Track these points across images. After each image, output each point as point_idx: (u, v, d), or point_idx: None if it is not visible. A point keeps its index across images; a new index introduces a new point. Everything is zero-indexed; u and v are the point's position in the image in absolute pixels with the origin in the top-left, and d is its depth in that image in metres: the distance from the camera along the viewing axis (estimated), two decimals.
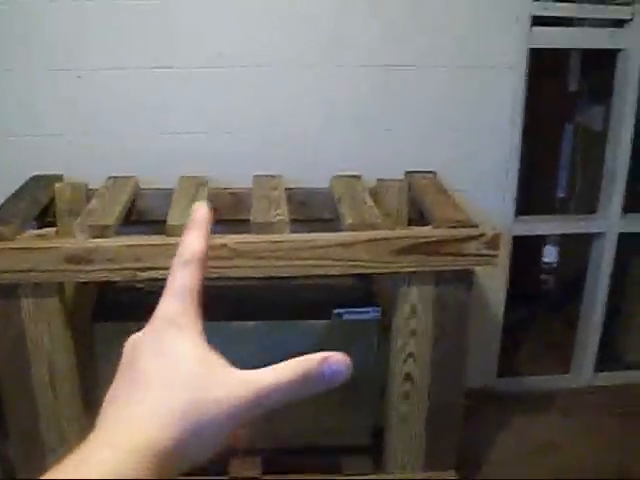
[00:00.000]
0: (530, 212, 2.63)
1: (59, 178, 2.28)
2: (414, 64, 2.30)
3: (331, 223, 2.23)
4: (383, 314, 2.05)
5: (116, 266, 1.84)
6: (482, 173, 2.40)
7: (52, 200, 2.21)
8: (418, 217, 2.25)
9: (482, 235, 1.88)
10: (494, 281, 2.52)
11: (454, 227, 1.91)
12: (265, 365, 1.97)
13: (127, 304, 2.09)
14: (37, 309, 1.89)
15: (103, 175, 2.26)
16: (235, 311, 2.07)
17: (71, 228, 2.15)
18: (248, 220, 2.20)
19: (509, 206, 2.46)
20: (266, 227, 1.89)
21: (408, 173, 2.32)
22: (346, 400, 2.16)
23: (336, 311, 2.04)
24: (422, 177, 2.29)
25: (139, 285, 2.05)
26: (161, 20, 2.21)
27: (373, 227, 1.89)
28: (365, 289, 2.14)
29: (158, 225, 2.19)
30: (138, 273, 1.85)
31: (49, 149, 2.30)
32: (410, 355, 2.00)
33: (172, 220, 1.90)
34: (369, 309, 2.05)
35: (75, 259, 1.83)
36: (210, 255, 1.83)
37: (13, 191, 2.16)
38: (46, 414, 1.99)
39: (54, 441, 2.03)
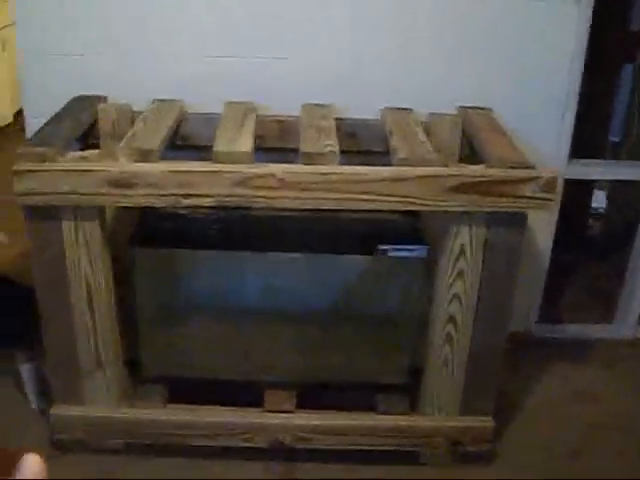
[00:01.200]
0: (580, 155, 2.52)
1: (103, 99, 2.22)
2: None
3: (379, 156, 2.16)
4: (429, 253, 1.99)
5: (159, 192, 1.79)
6: (538, 112, 2.30)
7: (96, 122, 2.15)
8: (469, 154, 2.17)
9: (539, 177, 1.80)
10: (542, 224, 2.44)
11: (510, 167, 1.83)
12: (307, 298, 1.87)
13: (168, 230, 2.05)
14: (77, 232, 1.87)
15: (148, 97, 2.20)
16: (277, 242, 2.03)
17: (114, 151, 2.11)
18: (294, 149, 2.14)
19: (564, 148, 2.36)
20: (315, 158, 1.82)
21: (462, 108, 2.22)
22: (384, 338, 2.12)
23: (381, 247, 1.98)
24: (476, 113, 2.19)
25: (181, 212, 2.01)
26: None
27: (426, 163, 1.82)
28: (412, 226, 2.08)
29: (204, 150, 2.14)
30: (181, 200, 1.80)
31: (92, 69, 2.23)
32: (455, 296, 1.94)
33: (218, 146, 1.84)
34: (415, 247, 1.98)
35: (117, 183, 1.78)
36: (257, 184, 1.77)
37: (56, 111, 2.11)
38: (83, 336, 1.99)
39: (90, 364, 2.02)
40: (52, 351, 2.02)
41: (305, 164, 1.81)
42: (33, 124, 2.28)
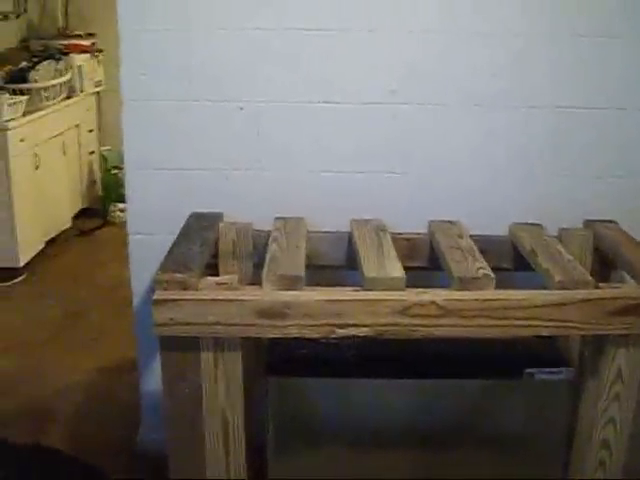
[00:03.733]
0: None
1: (219, 217, 2.15)
2: (585, 105, 2.15)
3: (507, 273, 2.11)
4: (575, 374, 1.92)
5: (313, 322, 1.71)
6: None
7: (215, 241, 2.08)
8: (598, 269, 2.13)
9: None
10: None
11: None
12: (447, 424, 1.72)
13: (302, 357, 1.96)
14: (216, 363, 1.78)
15: (262, 214, 2.13)
16: (417, 367, 1.94)
17: (234, 269, 2.05)
18: (423, 268, 2.09)
19: None
20: (470, 282, 1.76)
21: (588, 222, 2.18)
22: (526, 463, 2.02)
23: (528, 370, 1.90)
24: (604, 227, 2.14)
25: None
26: (332, 52, 2.09)
27: (583, 286, 1.76)
28: (551, 347, 2.01)
29: (328, 270, 2.08)
30: (336, 330, 1.72)
31: (205, 185, 2.18)
32: (610, 420, 1.86)
33: (369, 272, 1.77)
34: (561, 369, 1.92)
35: (268, 313, 1.70)
36: (417, 313, 1.68)
37: (170, 229, 2.05)
38: (213, 472, 1.87)
39: None
40: None
41: (459, 289, 1.75)
42: (136, 241, 2.23)
